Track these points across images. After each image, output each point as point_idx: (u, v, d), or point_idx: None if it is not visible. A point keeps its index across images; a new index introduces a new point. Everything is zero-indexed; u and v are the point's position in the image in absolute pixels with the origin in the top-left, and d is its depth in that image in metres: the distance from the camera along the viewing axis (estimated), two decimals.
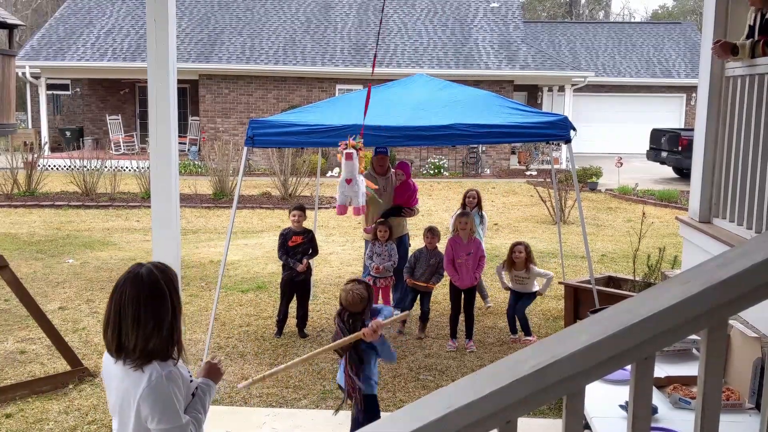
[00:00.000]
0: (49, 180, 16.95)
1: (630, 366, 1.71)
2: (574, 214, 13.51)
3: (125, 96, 24.94)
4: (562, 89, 24.26)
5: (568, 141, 6.31)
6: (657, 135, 20.80)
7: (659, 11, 55.10)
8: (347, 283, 4.36)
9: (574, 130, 6.33)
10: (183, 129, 23.11)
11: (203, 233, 12.44)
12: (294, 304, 7.04)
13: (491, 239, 11.57)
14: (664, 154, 20.18)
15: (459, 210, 7.73)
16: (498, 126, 6.27)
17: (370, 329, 4.01)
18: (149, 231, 6.35)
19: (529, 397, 1.60)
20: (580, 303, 6.66)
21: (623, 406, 3.33)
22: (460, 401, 1.57)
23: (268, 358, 6.35)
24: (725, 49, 4.29)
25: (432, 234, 6.96)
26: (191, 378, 2.64)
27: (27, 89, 27.00)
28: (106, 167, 16.41)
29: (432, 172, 20.90)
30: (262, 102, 22.13)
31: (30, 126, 26.36)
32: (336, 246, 11.21)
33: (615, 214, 14.91)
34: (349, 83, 20.99)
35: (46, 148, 21.08)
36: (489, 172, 21.54)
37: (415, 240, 8.58)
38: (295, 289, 7.00)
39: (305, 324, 7.02)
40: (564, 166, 21.09)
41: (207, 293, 8.35)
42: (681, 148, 18.92)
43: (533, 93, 26.77)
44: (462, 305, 6.75)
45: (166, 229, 4.49)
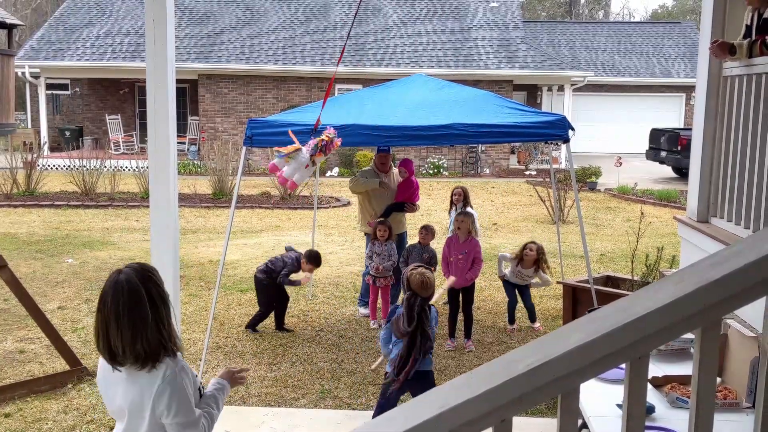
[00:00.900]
0: (49, 180, 16.95)
1: (625, 365, 1.71)
2: (573, 213, 13.52)
3: (125, 96, 24.95)
4: (561, 89, 24.27)
5: (566, 141, 6.32)
6: (656, 135, 20.81)
7: (659, 11, 55.12)
8: (414, 269, 4.46)
9: (572, 129, 6.34)
10: (182, 129, 23.12)
11: (202, 233, 12.45)
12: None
13: (490, 239, 11.59)
14: (663, 153, 20.17)
15: (452, 209, 7.79)
16: (497, 126, 6.27)
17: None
18: (148, 231, 6.35)
19: (524, 396, 1.61)
20: (578, 302, 6.66)
21: (621, 405, 3.33)
22: (455, 400, 1.58)
23: (266, 357, 6.36)
24: (723, 49, 4.30)
25: (426, 231, 7.06)
26: (195, 374, 2.72)
27: (26, 89, 27.00)
28: (105, 167, 16.42)
29: (431, 171, 20.90)
30: (261, 102, 22.14)
31: (29, 126, 26.37)
32: (335, 246, 11.22)
33: (614, 213, 14.91)
34: (349, 83, 20.99)
35: (45, 147, 21.07)
36: (488, 171, 21.55)
37: (413, 240, 8.58)
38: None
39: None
40: (563, 165, 21.07)
41: (206, 293, 8.36)
42: (680, 147, 18.90)
43: (533, 93, 26.79)
44: (460, 305, 6.76)
45: (164, 229, 4.49)
